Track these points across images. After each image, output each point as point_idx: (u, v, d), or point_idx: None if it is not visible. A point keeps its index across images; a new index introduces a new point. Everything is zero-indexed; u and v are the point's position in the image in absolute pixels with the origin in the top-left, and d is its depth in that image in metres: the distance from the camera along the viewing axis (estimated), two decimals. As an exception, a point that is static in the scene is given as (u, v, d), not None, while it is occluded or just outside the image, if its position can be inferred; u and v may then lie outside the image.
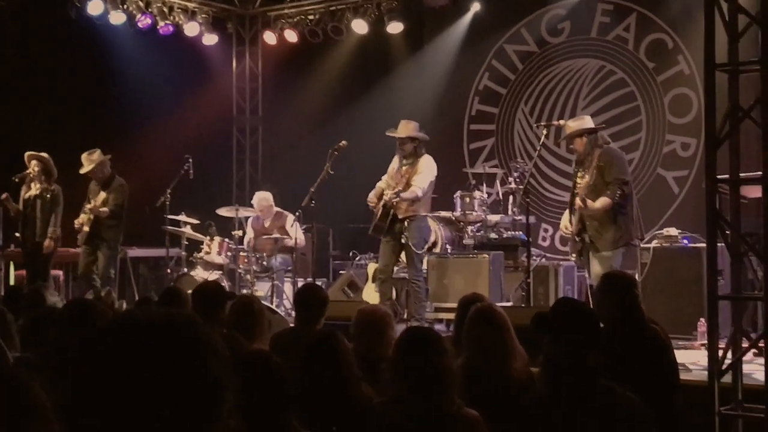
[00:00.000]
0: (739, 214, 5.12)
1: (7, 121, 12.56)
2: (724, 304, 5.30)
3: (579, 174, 7.98)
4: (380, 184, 9.14)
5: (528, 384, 4.28)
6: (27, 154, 9.87)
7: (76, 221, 9.95)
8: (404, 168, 9.00)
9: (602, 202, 7.63)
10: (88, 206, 9.88)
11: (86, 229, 9.85)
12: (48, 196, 9.82)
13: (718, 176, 5.03)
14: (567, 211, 8.17)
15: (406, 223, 8.86)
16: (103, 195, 9.92)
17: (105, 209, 9.82)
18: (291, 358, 4.68)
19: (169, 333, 1.30)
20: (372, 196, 9.06)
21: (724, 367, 4.98)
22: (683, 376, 5.22)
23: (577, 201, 7.66)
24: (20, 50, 12.61)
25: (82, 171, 10.03)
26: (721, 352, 5.03)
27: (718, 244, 5.09)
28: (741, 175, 5.08)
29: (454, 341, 4.58)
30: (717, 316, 5.04)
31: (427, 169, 8.94)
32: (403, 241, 8.88)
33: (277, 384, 3.29)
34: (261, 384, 3.25)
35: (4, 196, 9.85)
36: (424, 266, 9.94)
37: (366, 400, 3.99)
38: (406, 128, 9.05)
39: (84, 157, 10.04)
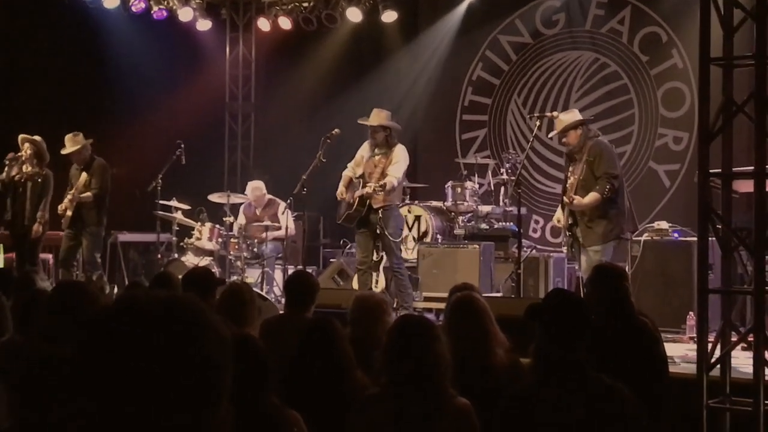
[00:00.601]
0: (731, 208, 5.14)
1: (-2, 103, 12.51)
2: (713, 298, 5.32)
3: (570, 168, 7.99)
4: (347, 173, 9.01)
5: (511, 371, 4.32)
6: (21, 136, 9.81)
7: (59, 207, 9.88)
8: (377, 157, 8.89)
9: (591, 197, 7.64)
10: (71, 192, 9.79)
11: (69, 213, 9.79)
12: (39, 180, 9.78)
13: (711, 170, 5.03)
14: (560, 205, 8.18)
15: (380, 213, 8.79)
16: (84, 177, 9.85)
17: (88, 194, 9.74)
18: (280, 344, 4.69)
19: (172, 316, 1.29)
20: (341, 188, 8.97)
21: (712, 360, 5.00)
22: (672, 369, 5.24)
23: (565, 198, 7.68)
24: (12, 33, 12.55)
25: (64, 152, 9.94)
26: (710, 346, 5.04)
27: (709, 239, 5.10)
28: (733, 169, 5.09)
29: (444, 330, 4.60)
30: (707, 309, 5.05)
31: (401, 159, 8.84)
32: (378, 231, 8.82)
33: (259, 365, 3.29)
34: (241, 364, 3.25)
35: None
36: (414, 255, 9.95)
37: (360, 388, 4.00)
38: (378, 117, 8.95)
39: (68, 138, 9.95)
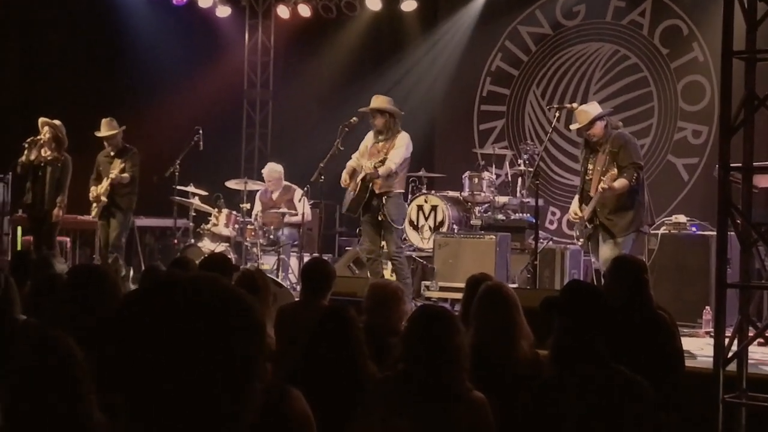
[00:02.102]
0: (751, 203, 5.10)
1: (19, 88, 12.57)
2: (730, 293, 5.29)
3: (590, 160, 7.92)
4: (350, 163, 8.95)
5: (533, 365, 4.29)
6: (41, 120, 9.86)
7: (91, 193, 9.95)
8: (380, 143, 8.80)
9: (621, 183, 7.56)
10: (110, 176, 9.82)
11: (104, 199, 9.86)
12: (59, 165, 9.82)
13: (731, 164, 5.00)
14: (576, 197, 8.12)
15: (384, 199, 8.72)
16: (118, 163, 9.92)
17: (125, 175, 9.85)
18: (296, 331, 4.71)
19: (205, 294, 1.29)
20: (345, 176, 8.92)
21: (729, 355, 4.98)
22: (688, 363, 5.22)
23: (600, 186, 7.57)
24: (32, 19, 12.59)
25: (100, 134, 10.03)
26: (726, 341, 5.02)
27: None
28: (754, 164, 5.06)
29: (462, 320, 4.58)
30: (725, 304, 5.03)
31: (403, 145, 8.74)
32: (380, 218, 8.75)
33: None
34: None
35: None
36: (430, 245, 9.94)
37: (371, 378, 3.99)
38: (376, 101, 8.87)
39: (105, 122, 10.04)
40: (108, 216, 9.95)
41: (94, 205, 9.99)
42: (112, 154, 10.05)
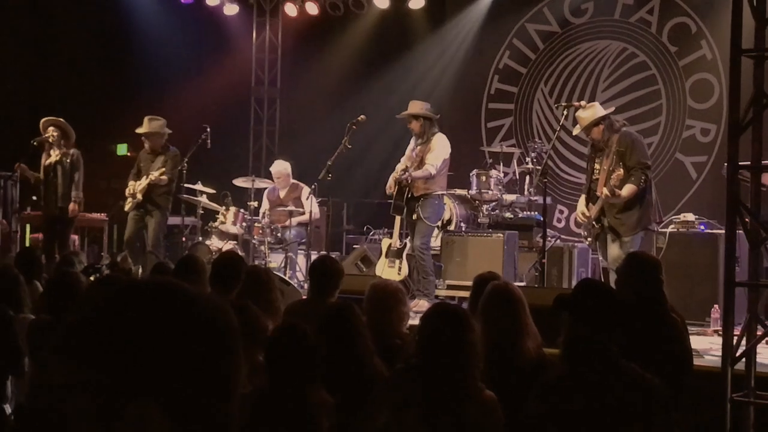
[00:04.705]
0: (760, 201, 5.09)
1: (26, 86, 12.60)
2: (738, 292, 5.27)
3: (597, 160, 7.90)
4: (398, 167, 9.20)
5: (539, 364, 4.27)
6: (43, 120, 9.86)
7: (129, 188, 9.98)
8: (418, 147, 9.08)
9: (628, 189, 7.52)
10: (150, 176, 9.85)
11: (140, 196, 9.89)
12: (68, 160, 9.84)
13: (740, 163, 4.99)
14: (583, 197, 8.10)
15: (421, 200, 8.92)
16: (160, 161, 9.95)
17: (164, 177, 9.88)
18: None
19: (194, 312, 1.29)
20: (390, 181, 9.11)
21: (737, 354, 4.97)
22: (696, 362, 5.20)
23: (605, 191, 7.54)
24: (41, 18, 12.63)
25: (139, 131, 10.06)
26: (734, 339, 5.01)
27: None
28: (763, 162, 5.04)
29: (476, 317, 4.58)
30: (733, 302, 5.01)
31: (439, 147, 8.99)
32: (414, 217, 8.93)
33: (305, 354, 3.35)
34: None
35: (16, 166, 9.87)
36: (438, 243, 9.93)
37: (379, 374, 4.00)
38: (411, 107, 9.16)
39: (147, 119, 10.09)
40: (144, 214, 9.99)
41: (129, 199, 10.02)
42: (156, 152, 10.09)
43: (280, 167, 11.12)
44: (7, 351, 4.59)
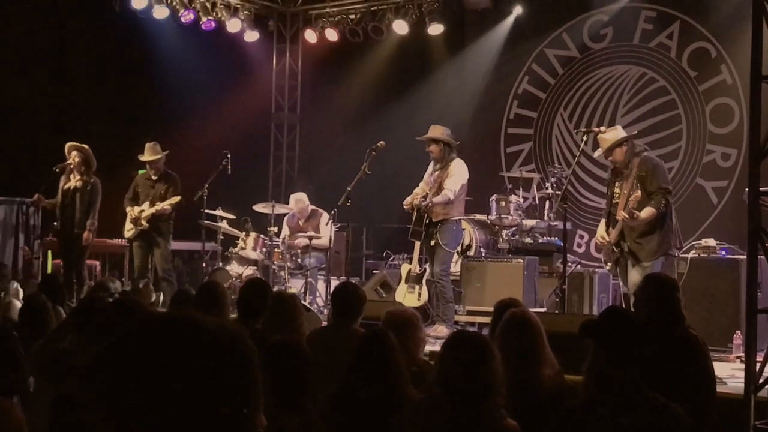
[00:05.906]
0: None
1: (49, 111, 12.71)
2: (761, 318, 5.24)
3: (617, 184, 7.88)
4: (416, 191, 9.22)
5: (556, 392, 4.24)
6: (68, 144, 9.94)
7: (129, 213, 10.02)
8: (437, 173, 9.10)
9: (648, 212, 7.51)
10: (157, 207, 9.92)
11: (145, 224, 9.94)
12: (88, 188, 9.89)
13: (761, 188, 4.97)
14: (603, 221, 8.07)
15: (439, 226, 8.93)
16: (161, 188, 10.01)
17: (168, 207, 9.92)
18: (327, 355, 4.70)
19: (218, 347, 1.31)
20: (408, 200, 9.12)
21: (760, 381, 4.93)
22: (719, 389, 5.15)
23: (624, 213, 7.52)
24: (63, 43, 12.75)
25: (143, 158, 10.11)
26: (757, 366, 4.97)
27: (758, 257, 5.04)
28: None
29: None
30: (755, 328, 4.98)
31: (457, 172, 9.01)
32: (432, 243, 8.94)
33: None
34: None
35: (35, 197, 9.96)
36: (458, 268, 9.91)
37: (409, 401, 3.98)
38: (431, 131, 9.20)
39: (149, 146, 10.13)
40: (149, 242, 10.03)
41: (131, 226, 10.05)
42: (154, 178, 10.13)
43: (298, 200, 11.17)
44: (11, 370, 4.61)
